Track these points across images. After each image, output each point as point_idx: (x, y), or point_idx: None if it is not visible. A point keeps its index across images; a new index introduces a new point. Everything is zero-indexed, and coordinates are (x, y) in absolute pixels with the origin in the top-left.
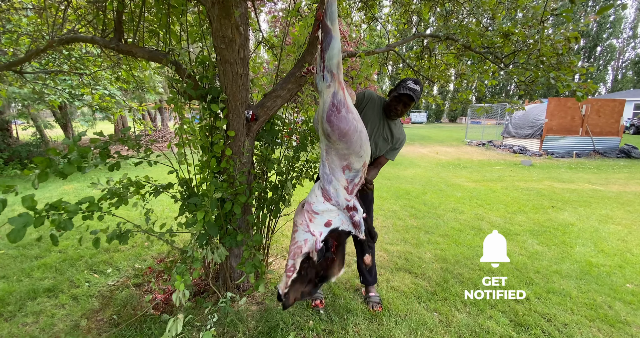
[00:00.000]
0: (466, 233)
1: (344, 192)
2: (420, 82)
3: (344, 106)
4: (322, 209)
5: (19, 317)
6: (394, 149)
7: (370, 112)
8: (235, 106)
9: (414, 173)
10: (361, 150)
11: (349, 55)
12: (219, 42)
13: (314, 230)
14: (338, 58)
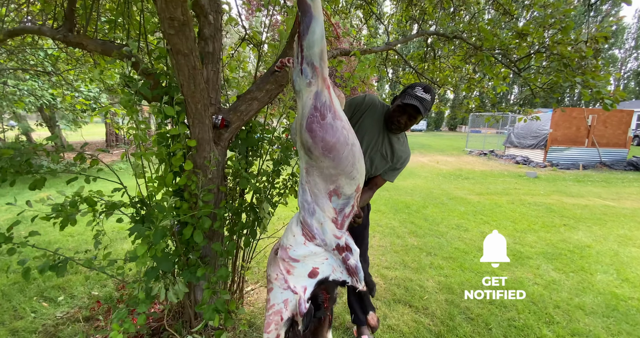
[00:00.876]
0: (472, 255)
1: (332, 226)
2: (432, 89)
3: (330, 111)
4: (304, 254)
5: None
6: (393, 169)
7: (369, 122)
8: (196, 109)
9: (414, 184)
10: (353, 170)
11: (342, 53)
12: (167, 26)
13: (295, 286)
14: (321, 45)
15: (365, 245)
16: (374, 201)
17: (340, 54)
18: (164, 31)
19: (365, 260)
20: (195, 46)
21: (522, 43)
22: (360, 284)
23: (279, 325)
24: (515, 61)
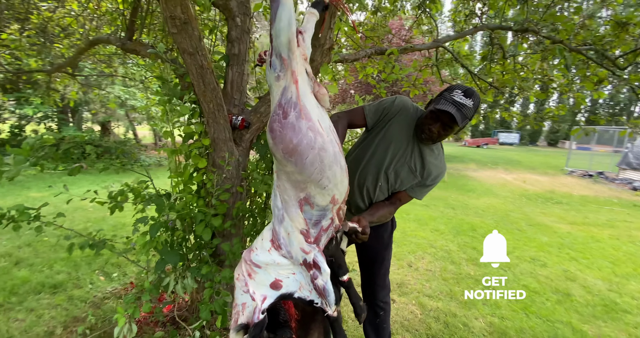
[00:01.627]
0: (545, 298)
1: (301, 239)
2: (475, 93)
3: (295, 109)
4: (265, 262)
5: (14, 311)
6: (423, 185)
7: (397, 129)
8: (209, 109)
9: (488, 204)
10: (323, 178)
11: (377, 52)
12: (170, 25)
13: (254, 292)
14: (288, 34)
15: (384, 268)
16: (432, 219)
17: (375, 53)
18: (169, 30)
19: (384, 286)
20: (200, 45)
21: (624, 36)
22: (330, 308)
23: (233, 327)
24: (614, 58)
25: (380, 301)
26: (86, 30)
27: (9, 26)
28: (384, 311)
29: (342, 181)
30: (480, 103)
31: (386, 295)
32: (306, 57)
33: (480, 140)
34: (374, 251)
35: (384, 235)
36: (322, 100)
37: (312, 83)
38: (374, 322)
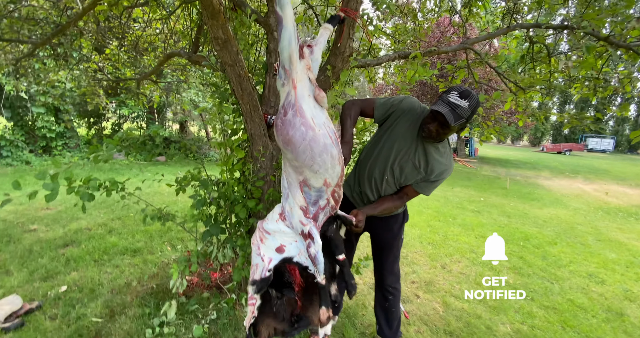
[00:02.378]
0: (592, 314)
1: (300, 213)
2: (472, 94)
3: (292, 108)
4: (273, 229)
5: (105, 266)
6: (427, 181)
7: (403, 127)
8: (246, 110)
9: (553, 215)
10: (314, 164)
11: (401, 56)
12: (214, 44)
13: (264, 254)
14: (289, 50)
15: (392, 256)
16: (480, 225)
17: (399, 57)
18: (213, 48)
19: (392, 272)
20: (238, 58)
21: None
22: (319, 275)
23: (250, 284)
24: None
25: (389, 286)
26: (166, 45)
27: (110, 43)
28: (393, 296)
29: (332, 167)
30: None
31: (395, 281)
32: (309, 67)
33: (562, 145)
34: (383, 240)
35: (394, 226)
36: (321, 101)
37: (314, 88)
38: (383, 305)
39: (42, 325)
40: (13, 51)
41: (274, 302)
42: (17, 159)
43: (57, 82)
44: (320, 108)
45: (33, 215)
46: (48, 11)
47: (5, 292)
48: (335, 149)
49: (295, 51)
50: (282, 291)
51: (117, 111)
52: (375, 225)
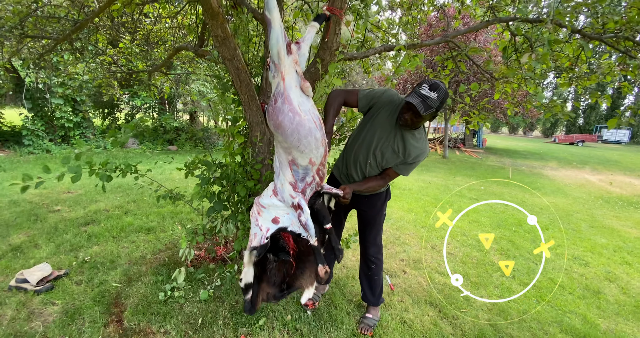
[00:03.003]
0: (570, 292)
1: (289, 188)
2: (441, 87)
3: (281, 97)
4: (268, 204)
5: (123, 241)
6: (404, 163)
7: (384, 117)
8: (245, 99)
9: (551, 203)
10: (300, 145)
11: (386, 49)
12: (214, 41)
13: (262, 225)
14: (277, 48)
15: (375, 229)
16: (475, 211)
17: (385, 50)
18: (214, 44)
19: (374, 244)
20: (236, 53)
21: None
22: (311, 239)
23: (249, 249)
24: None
25: (372, 256)
26: (175, 39)
27: (124, 37)
28: (375, 265)
29: (316, 148)
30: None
31: (377, 252)
32: (297, 61)
33: (574, 136)
34: (368, 215)
35: (377, 203)
36: (307, 91)
37: (300, 79)
38: (367, 273)
39: (70, 288)
40: (36, 46)
41: (269, 267)
42: (38, 148)
43: (74, 75)
44: (306, 97)
45: (56, 198)
46: (67, 9)
47: (35, 262)
48: (319, 132)
49: (283, 48)
50: (278, 255)
51: (130, 102)
52: (360, 202)
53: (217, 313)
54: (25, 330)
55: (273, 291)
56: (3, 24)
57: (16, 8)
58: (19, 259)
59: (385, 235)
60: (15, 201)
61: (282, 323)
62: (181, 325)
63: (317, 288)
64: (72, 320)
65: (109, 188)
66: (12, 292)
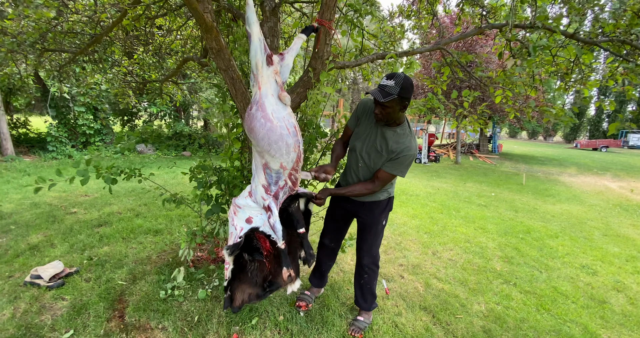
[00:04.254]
0: (573, 301)
1: (262, 190)
2: (398, 75)
3: (256, 104)
4: (242, 204)
5: (131, 242)
6: (392, 160)
7: (365, 123)
8: (240, 106)
9: (565, 210)
10: (271, 149)
11: (378, 57)
12: (210, 52)
13: (237, 224)
14: (255, 60)
15: (371, 239)
16: (482, 218)
17: (377, 58)
18: (209, 55)
19: (369, 254)
20: (230, 64)
21: None
22: (279, 241)
23: (226, 248)
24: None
25: (365, 266)
26: (185, 50)
27: (137, 49)
28: (368, 275)
29: (287, 153)
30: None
31: (371, 262)
32: (277, 72)
33: (598, 142)
34: (364, 222)
35: (375, 211)
36: (283, 100)
37: (279, 89)
38: (359, 281)
39: (79, 285)
40: (56, 59)
41: (248, 268)
42: (61, 154)
43: (93, 85)
44: (282, 105)
45: (74, 200)
46: (85, 24)
47: (50, 260)
48: (292, 139)
49: (261, 60)
50: (252, 254)
51: (147, 110)
52: (358, 209)
53: (213, 311)
54: (35, 322)
55: (255, 291)
56: (25, 39)
57: (37, 25)
58: (35, 257)
59: (386, 240)
60: (37, 203)
61: (274, 323)
62: (178, 321)
63: (311, 291)
64: (78, 314)
65: (123, 192)
66: (27, 287)
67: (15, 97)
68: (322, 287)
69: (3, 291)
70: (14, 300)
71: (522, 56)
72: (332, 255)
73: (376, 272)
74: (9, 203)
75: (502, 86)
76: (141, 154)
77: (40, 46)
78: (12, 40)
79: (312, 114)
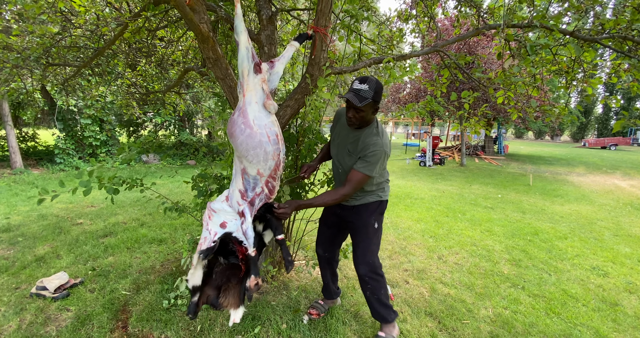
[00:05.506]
0: (583, 304)
1: (238, 195)
2: (370, 79)
3: (239, 110)
4: (218, 208)
5: (136, 252)
6: (361, 159)
7: (339, 128)
8: None
9: (574, 211)
10: (248, 155)
11: (375, 61)
12: (207, 62)
13: (211, 229)
14: (242, 68)
15: (364, 245)
16: (488, 220)
17: (374, 63)
18: (207, 65)
19: (363, 261)
20: (227, 72)
21: None
22: (250, 248)
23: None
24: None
25: (365, 276)
26: (186, 60)
27: (140, 61)
28: (370, 285)
29: (265, 160)
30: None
31: (368, 271)
32: (264, 80)
33: (606, 140)
34: (353, 226)
35: (363, 213)
36: (268, 107)
37: (265, 97)
38: (365, 294)
39: (84, 296)
40: (61, 73)
41: (215, 270)
42: (68, 165)
43: (98, 97)
44: (266, 113)
45: (80, 211)
46: (87, 38)
47: (56, 271)
48: (271, 147)
49: (247, 68)
50: (228, 258)
51: (152, 120)
52: (348, 212)
53: (216, 320)
54: (40, 333)
55: (213, 293)
56: (29, 55)
57: (41, 40)
58: (41, 268)
59: (390, 244)
60: (44, 215)
61: (277, 332)
62: (181, 331)
63: (325, 302)
64: (82, 325)
65: (128, 202)
66: (33, 299)
67: (23, 111)
68: (331, 299)
69: (9, 302)
70: (20, 311)
71: (521, 56)
72: (330, 266)
73: (380, 281)
74: (17, 215)
75: (503, 86)
76: (146, 164)
77: (45, 61)
78: (17, 56)
79: (311, 120)
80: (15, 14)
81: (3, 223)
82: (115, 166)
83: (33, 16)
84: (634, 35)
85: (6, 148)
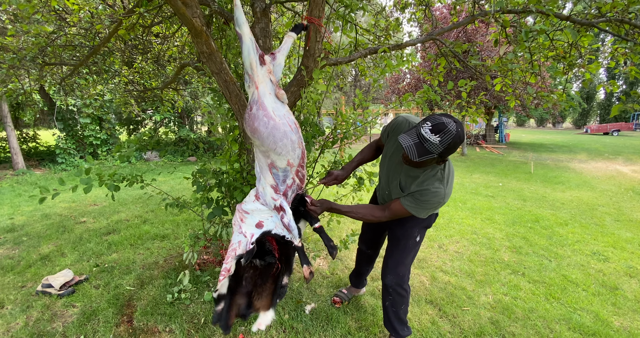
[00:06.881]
0: (583, 289)
1: (271, 191)
2: (446, 130)
3: (256, 104)
4: (251, 209)
5: (139, 248)
6: (411, 194)
7: (391, 144)
8: (236, 109)
9: (575, 197)
10: (277, 147)
11: (371, 51)
12: (201, 56)
13: (246, 231)
14: (249, 60)
15: (398, 254)
16: (489, 209)
17: (370, 53)
18: (201, 60)
19: (394, 271)
20: (222, 67)
21: None
22: (295, 240)
23: (232, 257)
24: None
25: (390, 287)
26: (183, 56)
27: (136, 58)
28: (393, 298)
29: (293, 150)
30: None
31: (395, 284)
32: (270, 71)
33: (609, 126)
34: (393, 234)
35: (406, 224)
36: (281, 98)
37: (275, 87)
38: (384, 303)
39: (89, 292)
40: (58, 72)
41: (245, 277)
42: (69, 165)
43: (96, 96)
44: (280, 103)
45: (83, 210)
46: (82, 37)
47: (60, 269)
48: (295, 135)
49: (254, 60)
50: (265, 258)
51: (151, 117)
52: (391, 220)
53: None
54: (47, 329)
55: (243, 302)
56: (25, 55)
57: (37, 40)
58: (46, 267)
59: None
60: (47, 215)
61: (279, 322)
62: (185, 324)
63: (348, 290)
64: (88, 320)
65: (131, 199)
66: (39, 296)
67: (22, 112)
68: (359, 288)
69: (16, 301)
70: (27, 309)
71: (517, 42)
72: (369, 261)
73: (405, 297)
74: (20, 215)
75: (500, 73)
76: (147, 161)
77: (41, 60)
78: (12, 56)
79: (307, 112)
80: (11, 15)
81: (7, 223)
82: (116, 164)
83: (27, 16)
84: (631, 18)
85: (7, 149)
